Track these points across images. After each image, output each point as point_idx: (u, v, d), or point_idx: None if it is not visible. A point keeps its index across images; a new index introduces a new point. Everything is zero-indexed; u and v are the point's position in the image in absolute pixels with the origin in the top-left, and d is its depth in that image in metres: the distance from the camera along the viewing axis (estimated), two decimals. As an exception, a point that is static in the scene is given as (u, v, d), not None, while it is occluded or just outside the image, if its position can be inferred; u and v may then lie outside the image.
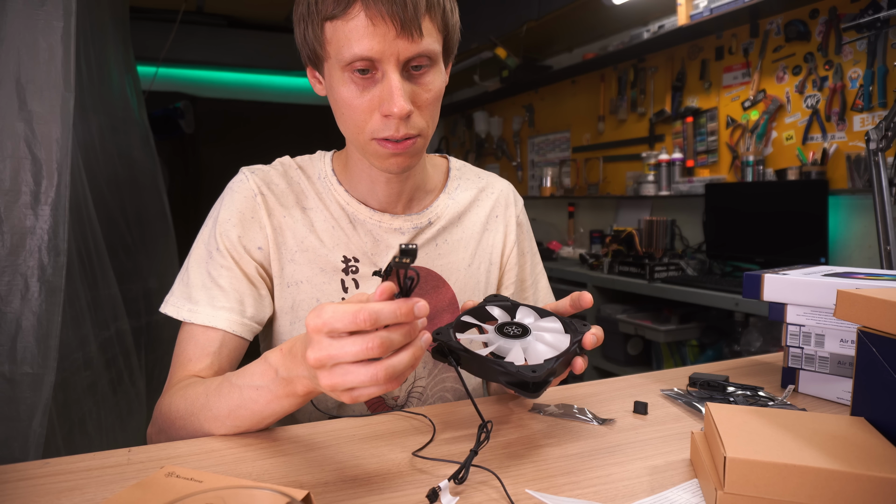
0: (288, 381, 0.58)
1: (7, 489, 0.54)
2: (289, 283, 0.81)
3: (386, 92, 0.69)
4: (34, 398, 1.07)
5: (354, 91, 0.70)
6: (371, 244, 0.83)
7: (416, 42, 0.68)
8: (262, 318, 0.80)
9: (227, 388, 0.64)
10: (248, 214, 0.80)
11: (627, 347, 2.72)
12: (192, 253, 0.81)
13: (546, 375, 0.59)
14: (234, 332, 0.76)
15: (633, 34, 3.04)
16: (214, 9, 4.12)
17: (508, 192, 0.96)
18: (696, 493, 0.54)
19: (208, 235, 0.81)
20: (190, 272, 0.79)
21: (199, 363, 0.74)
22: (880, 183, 1.26)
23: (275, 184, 0.83)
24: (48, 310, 1.11)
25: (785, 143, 2.41)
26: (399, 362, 0.49)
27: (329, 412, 0.82)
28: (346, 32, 0.67)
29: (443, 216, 0.88)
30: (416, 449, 0.63)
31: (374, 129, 0.71)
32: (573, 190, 3.56)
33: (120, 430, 1.47)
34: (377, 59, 0.68)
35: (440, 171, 0.92)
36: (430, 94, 0.72)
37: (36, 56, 1.13)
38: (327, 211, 0.83)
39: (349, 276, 0.81)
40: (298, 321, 0.81)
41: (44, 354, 1.09)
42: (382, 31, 0.66)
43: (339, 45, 0.69)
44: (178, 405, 0.68)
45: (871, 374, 0.59)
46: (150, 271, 1.90)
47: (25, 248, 1.10)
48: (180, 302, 0.77)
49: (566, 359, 0.63)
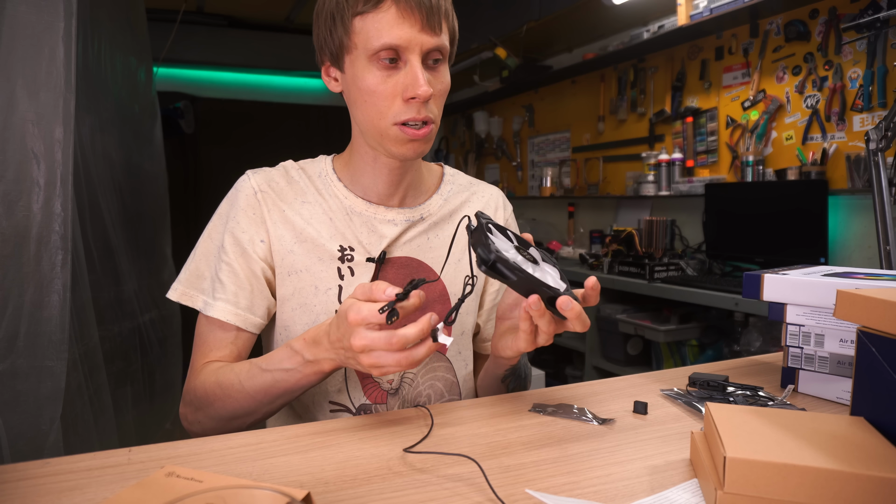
0: (315, 362, 0.71)
1: (7, 489, 0.55)
2: (289, 272, 0.86)
3: (411, 77, 0.76)
4: (46, 392, 1.09)
5: (380, 77, 0.77)
6: (366, 233, 0.88)
7: (437, 35, 0.77)
8: (266, 314, 0.87)
9: (258, 372, 0.75)
10: (250, 212, 0.86)
11: (627, 347, 2.72)
12: (199, 245, 0.88)
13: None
14: (245, 328, 0.85)
15: (633, 34, 3.04)
16: (214, 9, 4.11)
17: (498, 196, 1.02)
18: (696, 493, 0.54)
19: (214, 231, 0.88)
20: (199, 264, 0.87)
21: (220, 352, 0.84)
22: (880, 183, 1.26)
23: (275, 182, 0.89)
24: (57, 306, 1.12)
25: (785, 143, 2.41)
26: (417, 353, 0.64)
27: (330, 397, 0.88)
28: (376, 23, 0.75)
29: (434, 213, 0.93)
30: (417, 448, 0.63)
31: (396, 112, 0.78)
32: (573, 190, 3.55)
33: (113, 431, 1.47)
34: (404, 47, 0.75)
35: (435, 175, 0.99)
36: (442, 86, 0.81)
37: (37, 56, 1.13)
38: (325, 204, 0.89)
39: (345, 263, 0.87)
40: (300, 307, 0.86)
41: (56, 348, 1.11)
42: (410, 23, 0.75)
43: (367, 36, 0.76)
44: (213, 389, 0.78)
45: (871, 374, 0.59)
46: (145, 272, 1.90)
47: (30, 246, 1.11)
48: (192, 292, 0.85)
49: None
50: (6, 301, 1.08)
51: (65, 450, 1.16)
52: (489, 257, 0.63)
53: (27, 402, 1.09)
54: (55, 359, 1.12)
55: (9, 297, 1.08)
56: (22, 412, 1.08)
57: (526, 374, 0.97)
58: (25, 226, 1.10)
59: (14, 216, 1.09)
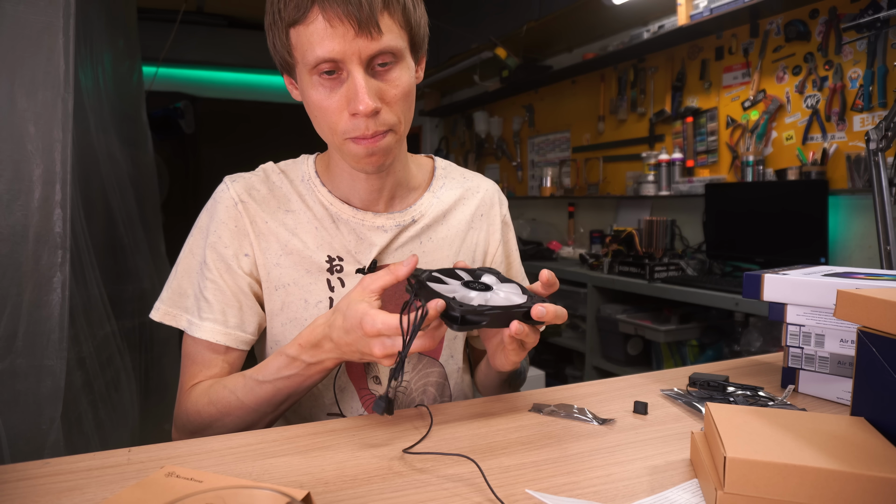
0: (318, 363, 0.71)
1: (7, 489, 0.54)
2: (276, 286, 0.82)
3: (352, 91, 0.71)
4: (46, 391, 1.09)
5: (323, 93, 0.73)
6: (354, 242, 0.84)
7: (375, 40, 0.69)
8: (257, 329, 0.83)
9: (256, 385, 0.74)
10: (231, 224, 0.81)
11: (627, 347, 2.72)
12: (180, 261, 0.84)
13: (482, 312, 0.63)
14: (235, 346, 0.81)
15: (633, 34, 3.04)
16: (214, 9, 4.11)
17: (493, 191, 0.97)
18: (696, 493, 0.54)
19: (195, 246, 0.83)
20: (181, 281, 0.83)
21: (209, 371, 0.80)
22: (880, 183, 1.26)
23: (256, 189, 0.84)
24: (56, 304, 1.12)
25: (785, 143, 2.41)
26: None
27: (328, 409, 0.85)
28: (307, 36, 0.70)
29: (427, 214, 0.88)
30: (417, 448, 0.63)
31: (345, 129, 0.73)
32: (573, 190, 3.55)
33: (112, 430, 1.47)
34: (339, 59, 0.69)
35: (425, 170, 0.93)
36: (397, 91, 0.74)
37: (35, 55, 1.13)
38: (310, 212, 0.84)
39: (334, 275, 0.83)
40: (290, 322, 0.83)
41: (55, 347, 1.11)
42: (341, 32, 0.68)
43: (303, 50, 0.71)
44: (207, 410, 0.76)
45: (871, 374, 0.59)
46: (144, 272, 1.90)
47: (28, 245, 1.11)
48: (175, 311, 0.81)
49: (507, 311, 0.65)
50: (5, 300, 1.08)
51: (67, 449, 1.16)
52: (456, 314, 0.61)
53: (27, 401, 1.09)
54: (55, 358, 1.12)
55: (7, 296, 1.08)
56: (21, 412, 1.08)
57: (523, 366, 0.96)
58: (24, 225, 1.10)
59: (13, 215, 1.09)
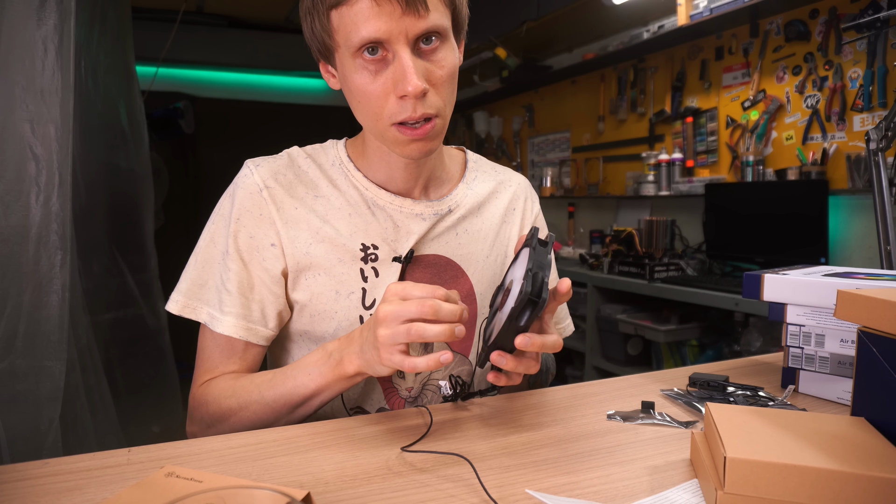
0: (339, 361, 0.68)
1: (7, 489, 0.54)
2: (306, 276, 0.78)
3: (399, 72, 0.67)
4: (45, 392, 1.09)
5: (367, 77, 0.69)
6: (392, 229, 0.81)
7: (423, 17, 0.67)
8: (278, 324, 0.80)
9: (281, 377, 0.72)
10: (256, 212, 0.77)
11: (627, 347, 2.72)
12: (199, 250, 0.80)
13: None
14: (255, 342, 0.78)
15: (633, 34, 3.04)
16: (214, 9, 4.11)
17: (526, 186, 0.97)
18: (696, 493, 0.54)
19: (217, 234, 0.79)
20: (201, 272, 0.79)
21: (227, 367, 0.78)
22: (880, 183, 1.26)
23: (282, 174, 0.79)
24: (55, 305, 1.12)
25: (785, 143, 2.41)
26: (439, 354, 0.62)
27: (350, 403, 0.82)
28: (351, 17, 0.67)
29: (462, 205, 0.87)
30: (418, 448, 0.63)
31: (391, 113, 0.70)
32: (573, 190, 3.55)
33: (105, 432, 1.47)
34: (386, 39, 0.67)
35: (457, 161, 0.91)
36: (444, 71, 0.71)
37: (35, 56, 1.13)
38: (343, 197, 0.80)
39: (368, 263, 0.79)
40: (318, 315, 0.79)
41: (55, 348, 1.11)
42: (388, 10, 0.65)
43: (346, 32, 0.68)
44: (227, 402, 0.73)
45: (871, 374, 0.59)
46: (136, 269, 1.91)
47: (28, 246, 1.11)
48: (195, 304, 0.78)
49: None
50: (5, 301, 1.07)
51: (63, 450, 1.16)
52: (542, 298, 0.57)
53: (26, 402, 1.09)
54: (54, 359, 1.11)
55: (7, 296, 1.08)
56: (21, 412, 1.08)
57: (547, 367, 0.95)
58: (24, 226, 1.10)
59: (13, 216, 1.09)
